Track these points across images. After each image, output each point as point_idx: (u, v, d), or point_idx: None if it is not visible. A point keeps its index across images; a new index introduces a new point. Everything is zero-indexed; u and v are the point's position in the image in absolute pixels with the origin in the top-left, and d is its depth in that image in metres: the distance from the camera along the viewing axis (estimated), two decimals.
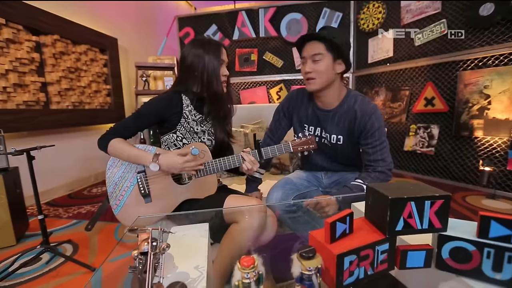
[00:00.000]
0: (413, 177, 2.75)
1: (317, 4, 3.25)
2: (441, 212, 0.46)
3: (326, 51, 1.04)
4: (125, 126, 1.02)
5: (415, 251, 0.47)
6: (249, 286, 0.41)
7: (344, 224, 0.46)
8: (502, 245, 0.42)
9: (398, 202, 0.45)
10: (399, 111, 2.89)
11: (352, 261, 0.44)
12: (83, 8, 2.81)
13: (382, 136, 1.10)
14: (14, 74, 2.11)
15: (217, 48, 1.04)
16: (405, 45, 2.76)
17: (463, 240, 0.45)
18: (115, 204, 1.02)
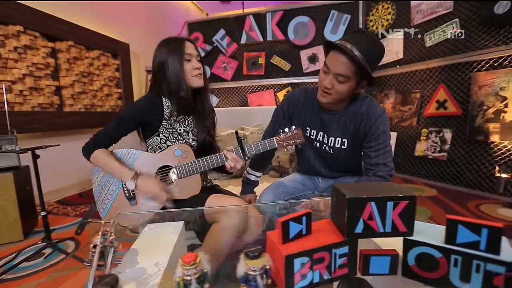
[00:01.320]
0: (424, 184, 2.62)
1: (325, 7, 3.22)
2: (406, 214, 0.42)
3: (353, 74, 0.93)
4: (107, 133, 1.04)
5: (379, 256, 0.44)
6: (190, 283, 0.39)
7: (299, 225, 0.44)
8: (470, 252, 0.38)
9: (357, 202, 0.42)
10: (409, 114, 2.78)
11: (304, 263, 0.41)
12: (97, 15, 2.94)
13: (386, 140, 1.05)
14: (30, 78, 2.23)
15: (178, 45, 1.03)
16: (415, 46, 2.67)
17: (429, 245, 0.41)
18: (102, 208, 1.03)
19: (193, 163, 1.04)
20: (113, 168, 0.98)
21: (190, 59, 1.05)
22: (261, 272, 0.40)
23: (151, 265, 0.52)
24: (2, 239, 1.65)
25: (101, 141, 1.04)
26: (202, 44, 3.66)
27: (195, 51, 1.07)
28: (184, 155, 1.06)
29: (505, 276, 0.36)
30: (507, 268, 0.36)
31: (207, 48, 3.66)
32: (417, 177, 2.74)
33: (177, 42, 1.04)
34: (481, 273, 0.38)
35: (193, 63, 1.05)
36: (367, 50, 0.92)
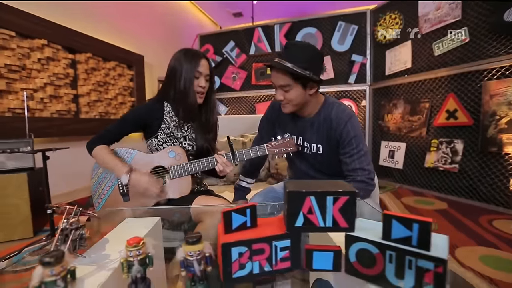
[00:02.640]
0: (434, 196, 2.50)
1: (332, 18, 3.25)
2: (346, 210, 0.43)
3: (293, 82, 0.98)
4: (109, 132, 1.12)
5: (321, 252, 0.44)
6: (132, 264, 0.42)
7: (243, 216, 0.46)
8: (402, 248, 0.38)
9: (297, 195, 0.43)
10: (418, 124, 2.70)
11: (242, 253, 0.43)
12: (114, 28, 3.16)
13: (359, 144, 1.04)
14: (51, 87, 2.42)
15: (195, 60, 1.09)
16: (423, 55, 2.62)
17: (367, 241, 0.41)
18: (97, 202, 1.09)
19: (185, 165, 1.08)
20: (110, 162, 1.05)
21: (198, 76, 1.10)
22: (199, 258, 0.41)
23: (115, 252, 0.55)
24: (13, 235, 1.76)
25: (104, 139, 1.12)
26: (212, 56, 3.80)
27: (206, 71, 1.12)
28: (177, 157, 1.11)
29: (434, 272, 0.35)
30: (436, 264, 0.35)
31: (217, 59, 3.79)
32: (427, 189, 2.62)
33: (195, 56, 1.10)
34: (413, 269, 0.37)
35: (199, 81, 1.11)
36: (296, 57, 0.97)
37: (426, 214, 2.07)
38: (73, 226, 0.49)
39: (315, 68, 1.01)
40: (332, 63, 3.33)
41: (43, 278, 0.37)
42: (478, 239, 1.64)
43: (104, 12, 3.05)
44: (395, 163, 2.94)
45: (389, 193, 2.69)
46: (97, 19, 2.93)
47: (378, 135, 3.20)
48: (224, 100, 3.91)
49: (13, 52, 2.14)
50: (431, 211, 2.16)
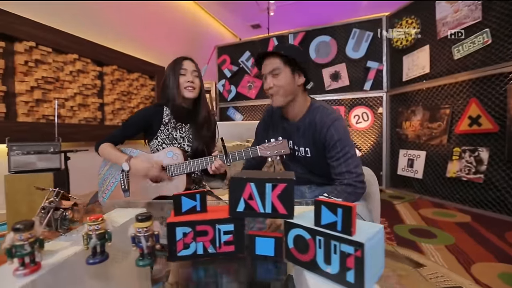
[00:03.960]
0: (457, 209, 2.32)
1: (346, 26, 3.24)
2: (285, 196, 0.44)
3: (283, 65, 1.04)
4: (114, 134, 1.23)
5: (263, 238, 0.46)
6: (91, 237, 0.47)
7: (192, 201, 0.49)
8: (328, 233, 0.39)
9: (238, 182, 0.45)
10: (439, 132, 2.55)
11: (186, 233, 0.45)
12: (138, 42, 3.43)
13: (345, 147, 1.02)
14: (80, 97, 2.67)
15: (179, 61, 1.19)
16: (442, 59, 2.50)
17: (301, 227, 0.42)
18: (102, 197, 1.19)
19: (181, 164, 1.14)
20: (112, 155, 1.16)
21: (185, 73, 1.19)
22: (147, 234, 0.45)
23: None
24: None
25: (110, 140, 1.22)
26: (229, 66, 3.94)
27: (192, 67, 1.21)
28: (174, 157, 1.18)
29: (354, 256, 0.35)
30: (355, 248, 0.35)
31: (233, 69, 3.92)
32: (449, 201, 2.44)
33: (178, 59, 1.22)
34: (338, 254, 0.37)
35: (187, 77, 1.19)
36: (284, 47, 1.05)
37: (446, 227, 1.93)
38: (51, 205, 0.56)
39: (302, 58, 1.06)
40: (347, 70, 3.29)
41: (13, 242, 0.43)
42: (500, 255, 1.49)
43: (130, 28, 3.33)
44: (414, 172, 2.78)
45: (407, 203, 2.54)
46: (122, 34, 3.21)
47: (396, 143, 3.06)
48: (240, 108, 4.00)
49: (49, 66, 2.42)
50: (451, 223, 2.00)
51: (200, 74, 1.24)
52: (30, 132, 2.25)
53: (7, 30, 2.11)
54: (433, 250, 1.58)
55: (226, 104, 4.07)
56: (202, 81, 1.26)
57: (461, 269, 1.37)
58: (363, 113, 3.24)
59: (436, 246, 1.64)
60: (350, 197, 1.00)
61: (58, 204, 0.59)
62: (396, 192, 2.99)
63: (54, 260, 0.49)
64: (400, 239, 1.75)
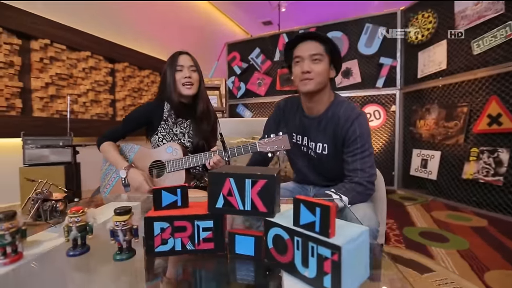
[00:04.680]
0: (473, 212, 2.20)
1: (359, 21, 3.14)
2: (265, 194, 0.42)
3: (325, 52, 0.99)
4: (116, 130, 1.24)
5: (243, 236, 0.44)
6: (71, 230, 0.47)
7: (173, 195, 0.47)
8: (306, 233, 0.36)
9: (217, 177, 0.44)
10: (455, 131, 2.42)
11: (164, 228, 0.44)
12: (150, 40, 3.48)
13: (365, 144, 0.98)
14: (92, 93, 2.75)
15: (175, 56, 1.17)
16: (461, 55, 2.37)
17: (279, 226, 0.40)
18: (103, 191, 1.21)
19: (180, 160, 1.14)
20: (111, 158, 1.16)
21: (181, 69, 1.18)
22: (125, 228, 0.44)
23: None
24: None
25: (111, 136, 1.24)
26: (239, 62, 3.92)
27: (189, 62, 1.19)
28: (174, 153, 1.17)
29: (331, 260, 0.33)
30: (332, 251, 0.33)
31: (243, 66, 3.90)
32: (465, 204, 2.32)
33: (174, 54, 1.20)
34: (315, 257, 0.35)
35: (183, 73, 1.17)
36: (328, 39, 1.00)
37: (459, 231, 1.83)
38: (39, 196, 0.56)
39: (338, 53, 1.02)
40: (359, 66, 3.19)
41: None
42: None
43: (142, 25, 3.38)
44: (428, 173, 2.67)
45: (419, 205, 2.44)
46: (135, 32, 3.27)
47: (409, 142, 2.95)
48: (250, 105, 3.99)
49: (63, 63, 2.49)
50: (466, 227, 1.90)
51: (198, 68, 1.21)
52: (45, 127, 2.33)
53: (23, 28, 2.20)
54: (444, 255, 1.50)
55: (236, 101, 4.06)
56: (201, 74, 1.23)
57: (474, 276, 1.29)
58: (375, 111, 3.14)
59: (448, 250, 1.56)
60: (358, 197, 0.96)
61: (47, 196, 0.59)
62: (408, 193, 2.88)
63: (38, 250, 0.49)
64: (409, 242, 1.68)
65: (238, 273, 0.46)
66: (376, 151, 3.18)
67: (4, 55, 2.07)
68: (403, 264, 1.41)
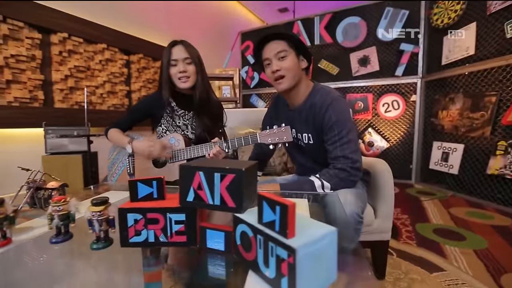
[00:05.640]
0: (496, 210, 2.05)
1: (378, 4, 2.95)
2: (234, 189, 0.41)
3: (289, 48, 1.01)
4: (121, 121, 1.27)
5: (214, 231, 0.44)
6: (52, 218, 0.49)
7: (149, 187, 0.47)
8: (266, 232, 0.34)
9: (187, 170, 0.43)
10: (481, 122, 2.24)
11: (137, 219, 0.45)
12: (164, 31, 3.51)
13: (342, 130, 0.96)
14: (109, 84, 2.84)
15: (168, 50, 1.14)
16: (492, 38, 2.16)
17: (245, 223, 0.38)
18: (110, 180, 1.26)
19: (182, 151, 1.15)
20: (118, 139, 1.21)
21: (176, 64, 1.15)
22: (101, 218, 0.45)
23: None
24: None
25: (117, 126, 1.28)
26: (252, 52, 3.86)
27: (183, 55, 1.15)
28: (176, 143, 1.19)
29: (287, 262, 0.31)
30: (288, 253, 0.31)
31: None
32: (489, 201, 2.17)
33: (168, 47, 1.17)
34: (274, 257, 0.33)
35: (178, 67, 1.15)
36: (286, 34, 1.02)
37: (479, 229, 1.72)
38: (30, 185, 0.59)
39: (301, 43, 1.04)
40: (377, 54, 3.03)
41: None
42: None
43: (155, 16, 3.41)
44: (449, 167, 2.51)
45: (437, 201, 2.32)
46: (148, 22, 3.31)
47: (429, 134, 2.78)
48: (263, 95, 3.94)
49: (81, 56, 2.59)
50: (487, 226, 1.78)
51: (195, 58, 1.17)
52: (65, 118, 2.46)
53: (43, 22, 2.29)
54: (458, 254, 1.42)
55: (249, 91, 4.03)
56: (200, 64, 1.21)
57: (488, 278, 1.21)
58: (394, 101, 2.98)
59: (463, 249, 1.47)
60: (341, 183, 0.95)
61: (41, 184, 0.62)
62: (427, 187, 2.74)
63: (27, 236, 0.52)
64: (421, 239, 1.61)
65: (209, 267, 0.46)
66: (394, 142, 3.04)
67: (26, 49, 2.18)
68: (412, 261, 1.35)
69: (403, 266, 1.31)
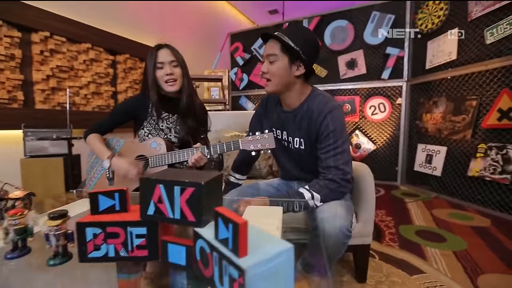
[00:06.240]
0: (476, 211, 2.11)
1: (365, 8, 2.99)
2: (193, 202, 0.40)
3: (280, 52, 0.96)
4: (102, 124, 1.24)
5: (175, 245, 0.42)
6: (8, 232, 0.46)
7: (111, 200, 0.46)
8: (220, 250, 0.34)
9: (148, 182, 0.42)
10: (462, 126, 2.30)
11: (96, 234, 0.43)
12: (152, 31, 3.45)
13: (338, 140, 0.95)
14: (93, 85, 2.78)
15: (154, 53, 1.13)
16: (472, 44, 2.22)
17: (203, 239, 0.38)
18: (89, 184, 1.22)
19: (163, 156, 1.13)
20: (96, 149, 1.17)
21: (162, 66, 1.14)
22: (58, 233, 0.44)
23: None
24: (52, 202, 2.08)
25: (97, 129, 1.24)
26: (241, 53, 3.85)
27: (169, 58, 1.15)
28: (158, 148, 1.17)
29: (238, 282, 0.30)
30: (239, 273, 0.30)
31: (246, 57, 3.83)
32: (469, 202, 2.22)
33: (154, 50, 1.16)
34: (227, 276, 0.32)
35: (165, 70, 1.14)
36: (291, 33, 0.96)
37: (459, 230, 1.76)
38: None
39: (306, 49, 0.96)
40: (364, 57, 3.06)
41: None
42: None
43: (142, 15, 3.35)
44: (433, 169, 2.57)
45: (421, 202, 2.37)
46: (135, 22, 3.25)
47: (414, 137, 2.83)
48: (252, 97, 3.94)
49: (63, 55, 2.52)
50: (466, 227, 1.83)
51: (180, 61, 1.17)
52: (47, 119, 2.38)
53: (23, 21, 2.22)
54: (438, 256, 1.45)
55: (238, 93, 4.02)
56: (185, 67, 1.20)
57: (466, 280, 1.24)
58: (380, 104, 3.03)
59: (443, 251, 1.50)
60: (330, 195, 0.94)
61: (2, 195, 0.59)
62: (411, 189, 2.79)
63: None
64: (404, 241, 1.63)
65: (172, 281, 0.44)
66: (380, 145, 3.08)
67: (4, 48, 2.11)
68: (394, 264, 1.37)
69: (385, 269, 1.33)
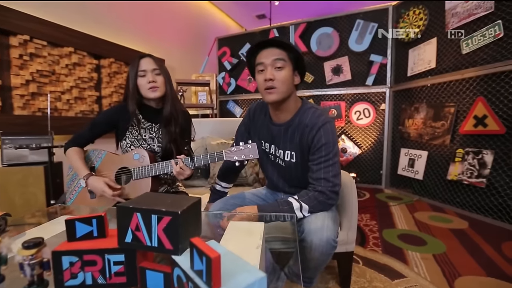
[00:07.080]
0: (455, 213, 2.20)
1: (350, 16, 3.07)
2: (170, 230, 0.40)
3: (288, 58, 0.96)
4: (82, 135, 1.21)
5: (153, 271, 0.43)
6: None
7: (88, 226, 0.46)
8: (195, 282, 0.34)
9: (124, 211, 0.42)
10: (442, 131, 2.40)
11: (73, 262, 0.43)
12: (137, 34, 3.41)
13: (329, 153, 0.96)
14: (76, 90, 2.70)
15: (136, 61, 1.14)
16: (450, 54, 2.32)
17: (179, 267, 0.38)
18: (69, 197, 1.19)
19: (146, 167, 1.12)
20: (74, 165, 1.15)
21: (144, 74, 1.14)
22: (32, 262, 0.43)
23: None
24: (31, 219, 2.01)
25: (77, 141, 1.21)
26: (229, 58, 3.86)
27: (152, 66, 1.14)
28: (141, 159, 1.16)
29: None
30: None
31: (233, 62, 3.84)
32: (449, 204, 2.32)
33: (136, 59, 1.16)
34: None
35: (147, 77, 1.13)
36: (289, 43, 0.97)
37: (439, 233, 1.83)
38: None
39: (301, 58, 0.99)
40: (349, 63, 3.14)
41: None
42: (491, 269, 1.39)
43: (127, 19, 3.30)
44: (415, 173, 2.66)
45: (404, 205, 2.44)
46: (120, 25, 3.20)
47: (398, 141, 2.92)
48: (240, 101, 3.95)
49: (44, 59, 2.44)
50: (446, 230, 1.90)
51: (163, 70, 1.17)
52: (26, 126, 2.30)
53: (1, 24, 2.14)
54: (418, 259, 1.51)
55: (226, 98, 4.02)
56: (168, 76, 1.19)
57: (444, 283, 1.30)
58: (365, 109, 3.11)
59: (423, 254, 1.56)
60: (319, 206, 0.95)
61: None
62: (395, 192, 2.87)
63: None
64: (387, 246, 1.68)
65: None
66: (365, 149, 3.16)
67: None
68: (377, 269, 1.41)
69: (368, 275, 1.36)
